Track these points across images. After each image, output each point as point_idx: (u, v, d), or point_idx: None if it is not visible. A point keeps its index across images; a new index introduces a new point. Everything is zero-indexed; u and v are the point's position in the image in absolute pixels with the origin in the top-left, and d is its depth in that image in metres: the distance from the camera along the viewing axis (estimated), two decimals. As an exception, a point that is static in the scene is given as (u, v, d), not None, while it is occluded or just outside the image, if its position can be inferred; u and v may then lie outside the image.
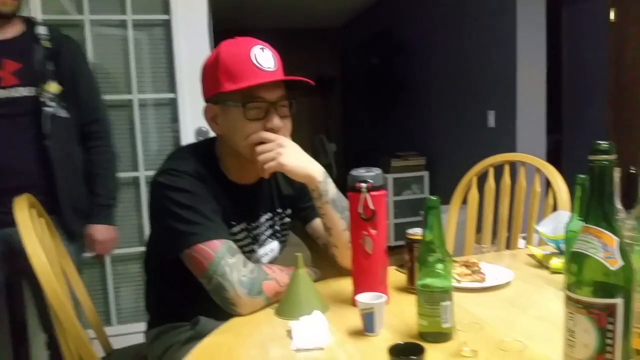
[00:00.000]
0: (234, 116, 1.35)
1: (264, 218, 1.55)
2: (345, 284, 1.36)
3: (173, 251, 1.34)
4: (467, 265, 1.40)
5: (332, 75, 7.28)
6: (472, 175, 2.19)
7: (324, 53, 7.17)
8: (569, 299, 0.81)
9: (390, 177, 5.01)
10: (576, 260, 0.81)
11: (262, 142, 1.34)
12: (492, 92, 4.09)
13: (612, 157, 0.78)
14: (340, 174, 6.38)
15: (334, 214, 1.41)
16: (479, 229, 2.19)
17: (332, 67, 7.25)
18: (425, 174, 5.11)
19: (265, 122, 1.35)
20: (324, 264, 1.56)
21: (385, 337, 1.09)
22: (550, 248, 1.55)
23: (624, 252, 0.78)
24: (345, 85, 7.37)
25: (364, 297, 1.12)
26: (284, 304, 1.26)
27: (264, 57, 1.35)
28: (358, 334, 1.11)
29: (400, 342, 0.89)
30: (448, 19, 4.74)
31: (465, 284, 1.36)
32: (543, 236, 1.50)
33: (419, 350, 0.84)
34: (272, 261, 1.60)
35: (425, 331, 1.06)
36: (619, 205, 1.02)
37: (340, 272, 1.48)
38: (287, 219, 1.63)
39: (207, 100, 1.42)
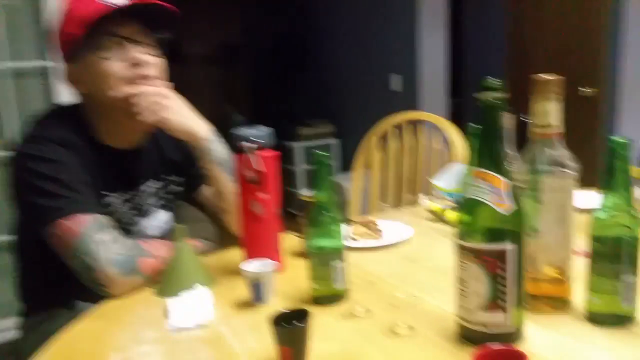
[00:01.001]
0: (93, 65, 1.20)
1: (147, 186, 1.41)
2: (238, 254, 1.26)
3: (36, 229, 1.17)
4: (364, 224, 1.34)
5: (236, 43, 7.02)
6: (372, 136, 2.15)
7: (227, 20, 6.88)
8: (460, 248, 0.76)
9: (299, 145, 4.92)
10: (467, 207, 0.76)
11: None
12: (395, 56, 4.08)
13: (501, 95, 0.72)
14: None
15: (223, 175, 1.30)
16: (385, 191, 2.16)
17: (237, 35, 6.98)
18: (335, 141, 5.07)
19: (127, 60, 1.20)
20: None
21: (277, 305, 1.00)
22: (449, 202, 1.53)
23: (516, 196, 0.73)
24: (250, 52, 7.15)
25: (251, 266, 1.03)
26: (163, 281, 1.14)
27: None
28: (247, 305, 1.02)
29: (284, 309, 0.80)
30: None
31: (362, 243, 1.30)
32: (440, 190, 1.47)
33: (302, 317, 0.76)
34: (164, 234, 1.46)
35: (318, 295, 0.99)
36: (513, 151, 0.98)
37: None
38: (176, 188, 1.49)
39: (64, 61, 1.25)
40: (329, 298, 0.97)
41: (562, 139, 0.82)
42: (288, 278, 1.14)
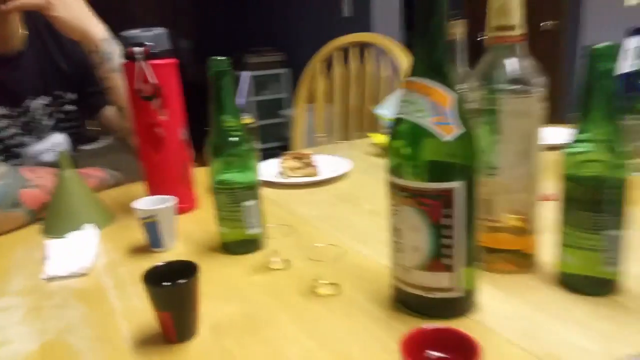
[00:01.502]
0: None
1: (36, 103, 1.17)
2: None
3: None
4: (297, 157, 1.15)
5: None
6: (315, 63, 1.93)
7: None
8: (392, 188, 0.58)
9: (247, 75, 4.60)
10: (399, 132, 0.57)
11: None
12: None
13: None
14: (196, 71, 5.83)
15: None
16: (330, 125, 1.96)
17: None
18: (285, 71, 4.78)
19: None
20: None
21: (178, 252, 0.82)
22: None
23: (465, 118, 0.55)
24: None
25: (144, 202, 0.83)
26: (49, 217, 0.93)
27: None
28: (141, 252, 0.83)
29: (163, 262, 0.61)
30: None
31: (293, 179, 1.11)
32: (382, 119, 1.29)
33: (188, 271, 0.57)
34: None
35: (227, 240, 0.80)
36: (464, 67, 0.80)
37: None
38: (71, 107, 1.25)
39: None
40: (239, 245, 0.79)
41: (525, 46, 0.63)
42: (199, 219, 0.95)
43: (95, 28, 1.05)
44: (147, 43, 0.90)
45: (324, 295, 0.66)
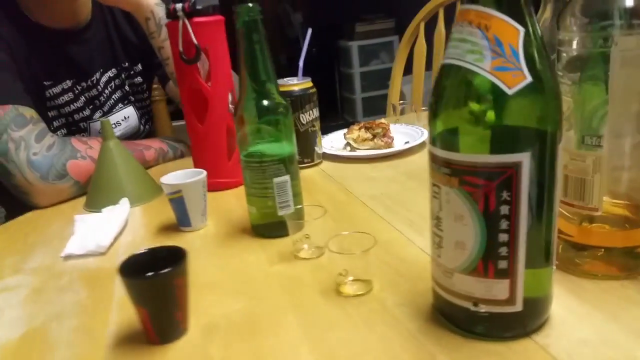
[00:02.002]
0: None
1: (105, 76, 1.13)
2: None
3: None
4: (367, 127, 1.00)
5: None
6: (417, 21, 1.74)
7: None
8: (433, 161, 0.42)
9: (354, 44, 4.43)
10: (443, 82, 0.41)
11: None
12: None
13: None
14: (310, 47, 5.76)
15: None
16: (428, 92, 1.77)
17: None
18: (395, 38, 4.53)
19: None
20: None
21: (208, 233, 0.72)
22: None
23: (540, 60, 0.38)
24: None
25: (173, 177, 0.73)
26: (90, 190, 0.88)
27: None
28: (170, 230, 0.74)
29: (147, 248, 0.50)
30: None
31: (359, 152, 0.97)
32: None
33: (175, 259, 0.46)
34: (132, 132, 1.20)
35: (256, 222, 0.69)
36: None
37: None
38: (139, 79, 1.20)
39: None
40: (268, 227, 0.67)
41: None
42: (240, 196, 0.85)
43: None
44: (188, -2, 0.81)
45: (348, 296, 0.52)
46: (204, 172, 0.72)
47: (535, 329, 0.43)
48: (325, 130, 1.05)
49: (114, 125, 1.16)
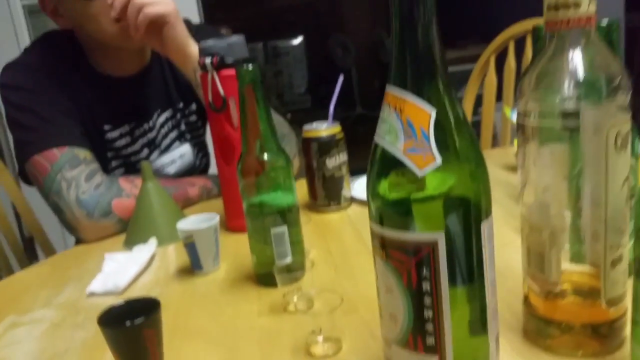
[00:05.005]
0: (72, 1, 1.01)
1: (161, 117, 1.22)
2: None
3: (18, 166, 1.07)
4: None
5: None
6: (489, 54, 1.70)
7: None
8: (370, 232, 0.43)
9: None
10: (371, 158, 0.41)
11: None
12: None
13: None
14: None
15: None
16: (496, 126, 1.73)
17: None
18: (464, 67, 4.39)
19: None
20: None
21: (217, 278, 0.75)
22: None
23: (459, 136, 0.37)
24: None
25: (189, 222, 0.78)
26: (128, 228, 0.95)
27: None
28: (185, 272, 0.79)
29: (125, 300, 0.53)
30: None
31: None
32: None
33: (147, 311, 0.50)
34: (187, 168, 1.28)
35: (257, 271, 0.71)
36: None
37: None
38: (194, 117, 1.28)
39: None
40: (268, 277, 0.69)
41: (594, 31, 0.41)
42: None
43: (194, 46, 1.04)
44: (218, 52, 0.86)
45: (315, 356, 0.53)
46: (217, 218, 0.76)
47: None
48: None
49: (170, 163, 1.24)
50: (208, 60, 0.85)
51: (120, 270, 0.78)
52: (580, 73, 0.42)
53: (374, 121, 0.42)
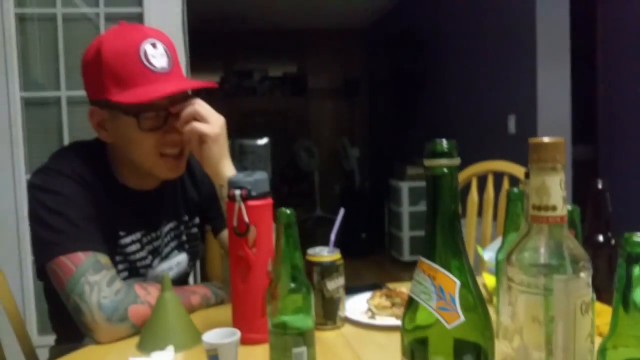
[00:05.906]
0: (126, 126, 1.15)
1: (167, 227, 1.34)
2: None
3: (39, 263, 1.15)
4: (388, 295, 1.13)
5: (356, 77, 7.03)
6: (468, 176, 1.92)
7: (348, 55, 6.94)
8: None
9: (405, 185, 4.69)
10: (408, 310, 0.55)
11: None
12: (512, 96, 3.74)
13: (453, 161, 0.52)
14: (363, 180, 6.10)
15: None
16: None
17: (357, 69, 7.01)
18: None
19: (164, 133, 1.16)
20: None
21: (235, 387, 0.85)
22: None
23: (474, 302, 0.52)
24: (370, 87, 7.12)
25: (212, 335, 0.88)
26: (143, 333, 1.04)
27: (157, 55, 1.14)
28: (204, 380, 0.88)
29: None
30: (469, 19, 4.41)
31: (378, 318, 1.10)
32: (486, 264, 1.22)
33: None
34: (181, 275, 1.38)
35: (275, 387, 0.82)
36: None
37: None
38: (195, 229, 1.40)
39: (92, 102, 1.21)
40: (285, 392, 0.80)
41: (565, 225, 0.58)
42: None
43: (228, 167, 1.19)
44: (245, 186, 1.01)
45: None
46: (238, 334, 0.87)
47: None
48: (362, 277, 1.19)
49: (167, 270, 1.34)
50: (238, 192, 0.99)
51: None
52: (555, 254, 0.58)
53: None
